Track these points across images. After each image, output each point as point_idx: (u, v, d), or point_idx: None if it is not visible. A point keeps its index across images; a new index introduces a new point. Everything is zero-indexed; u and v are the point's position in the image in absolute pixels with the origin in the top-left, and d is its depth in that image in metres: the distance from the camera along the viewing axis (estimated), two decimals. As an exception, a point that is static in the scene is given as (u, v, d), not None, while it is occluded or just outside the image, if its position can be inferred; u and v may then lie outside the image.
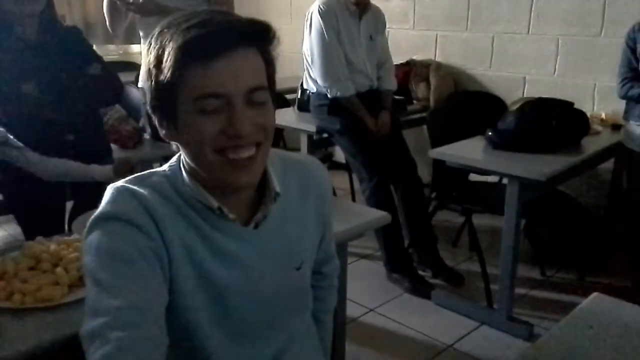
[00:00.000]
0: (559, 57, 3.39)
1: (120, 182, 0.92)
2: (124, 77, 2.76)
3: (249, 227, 0.97)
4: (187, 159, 0.93)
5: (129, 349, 0.77)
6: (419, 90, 3.73)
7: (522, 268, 2.85)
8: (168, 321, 0.87)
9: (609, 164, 3.11)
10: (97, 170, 1.80)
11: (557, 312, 2.69)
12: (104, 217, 0.87)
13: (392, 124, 3.07)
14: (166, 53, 0.83)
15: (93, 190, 1.85)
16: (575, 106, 2.64)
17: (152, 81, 0.87)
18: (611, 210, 3.26)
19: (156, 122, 0.92)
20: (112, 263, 0.84)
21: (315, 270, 1.14)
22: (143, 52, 0.90)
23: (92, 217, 0.88)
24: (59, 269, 1.28)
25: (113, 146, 2.44)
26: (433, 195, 3.11)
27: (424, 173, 3.22)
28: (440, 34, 3.93)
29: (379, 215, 1.80)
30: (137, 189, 0.90)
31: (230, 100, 0.85)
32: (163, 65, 0.84)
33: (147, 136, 2.71)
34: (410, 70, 3.80)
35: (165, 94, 0.86)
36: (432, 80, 3.70)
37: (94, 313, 0.80)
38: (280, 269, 1.01)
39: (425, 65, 3.79)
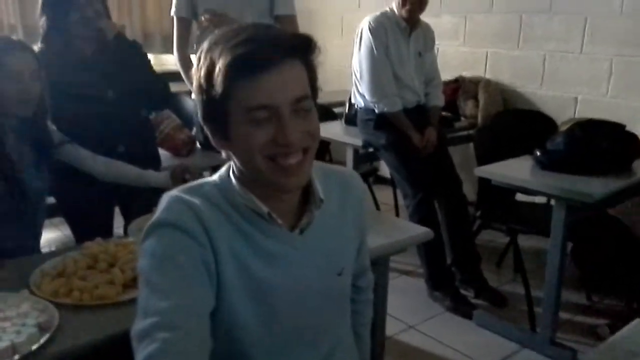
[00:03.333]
0: (612, 77, 3.33)
1: (175, 192, 0.98)
2: (179, 87, 2.87)
3: (294, 233, 1.02)
4: (238, 166, 0.98)
5: (174, 349, 0.81)
6: (467, 107, 3.72)
7: (567, 292, 2.80)
8: (214, 327, 0.91)
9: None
10: (153, 175, 1.88)
11: (602, 339, 2.62)
12: (160, 224, 0.93)
13: (438, 141, 3.07)
14: (216, 69, 0.89)
15: (145, 196, 1.95)
16: (628, 128, 2.58)
17: (203, 95, 0.93)
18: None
19: (208, 132, 0.98)
20: (164, 267, 0.89)
21: (351, 283, 1.17)
22: (194, 66, 0.95)
23: (149, 223, 0.94)
24: (115, 269, 1.34)
25: (166, 154, 2.53)
26: (478, 213, 3.09)
27: (469, 191, 3.19)
28: (491, 51, 3.91)
29: (421, 231, 1.81)
30: (190, 198, 0.96)
31: (278, 111, 0.90)
32: (214, 80, 0.89)
33: (198, 145, 2.79)
34: (458, 87, 3.80)
35: (216, 107, 0.91)
36: (481, 98, 3.68)
37: (144, 313, 0.85)
38: (324, 274, 1.05)
39: (475, 82, 3.78)
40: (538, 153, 2.56)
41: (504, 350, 2.55)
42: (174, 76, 2.65)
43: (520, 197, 2.99)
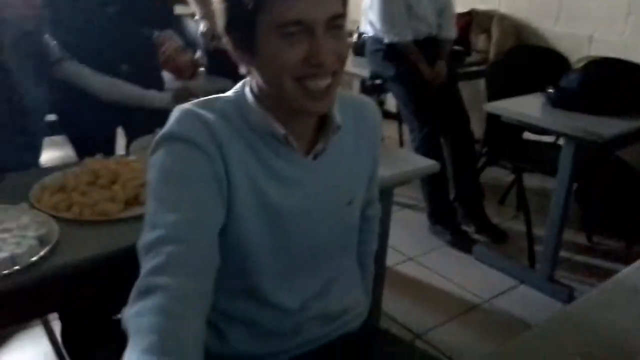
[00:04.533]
0: (630, 16, 3.20)
1: (187, 105, 0.94)
2: (181, 9, 2.77)
3: (308, 158, 0.99)
4: (258, 84, 0.94)
5: (179, 262, 0.80)
6: (479, 41, 3.61)
7: (568, 232, 2.79)
8: (223, 245, 0.90)
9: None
10: (156, 96, 1.83)
11: (600, 278, 2.64)
12: (170, 137, 0.90)
13: (449, 75, 3.00)
14: None
15: (148, 116, 1.91)
16: (645, 69, 2.51)
17: (230, 4, 0.87)
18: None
19: (230, 46, 0.92)
20: (172, 181, 0.87)
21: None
22: None
23: (158, 135, 0.91)
24: (116, 186, 1.32)
25: (169, 76, 2.47)
26: (484, 150, 3.06)
27: (477, 128, 3.14)
28: (507, -16, 3.76)
29: (427, 164, 1.78)
30: (203, 112, 0.92)
31: (313, 28, 0.85)
32: None
33: (202, 69, 2.72)
34: (471, 20, 3.68)
35: (245, 16, 0.86)
36: (494, 32, 3.57)
37: (151, 226, 0.84)
38: (334, 202, 1.03)
39: (488, 15, 3.65)
40: (550, 90, 2.50)
41: (501, 284, 2.58)
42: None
43: (528, 135, 2.94)
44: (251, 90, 0.96)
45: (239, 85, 1.00)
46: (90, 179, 1.35)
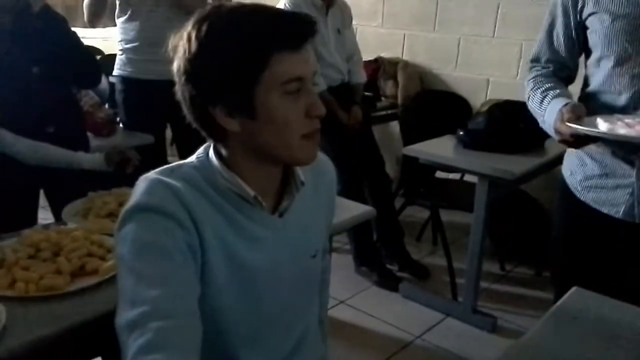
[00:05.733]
0: (521, 61, 3.53)
1: (153, 174, 0.93)
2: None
3: (275, 216, 1.01)
4: (234, 146, 0.94)
5: (169, 338, 0.79)
6: (387, 87, 3.81)
7: (483, 263, 2.97)
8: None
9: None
10: (86, 157, 1.77)
11: (517, 305, 2.82)
12: (140, 209, 0.88)
13: (363, 119, 3.13)
14: (247, 40, 0.87)
15: (73, 179, 1.84)
16: (540, 110, 2.76)
17: (234, 65, 0.88)
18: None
19: (215, 111, 0.91)
20: (149, 254, 0.86)
21: None
22: (190, 36, 0.89)
23: (126, 208, 0.89)
24: (60, 258, 1.26)
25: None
26: (401, 192, 3.20)
27: (389, 170, 3.29)
28: (408, 33, 4.01)
29: (363, 210, 1.86)
30: (170, 180, 0.92)
31: (306, 84, 0.91)
32: (241, 52, 0.87)
33: (121, 125, 2.67)
34: (378, 67, 3.88)
35: (242, 79, 0.88)
36: (400, 79, 3.78)
37: (131, 303, 0.81)
38: (300, 256, 1.06)
39: (394, 63, 3.87)
40: (461, 132, 2.69)
41: (429, 319, 2.68)
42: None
43: (439, 174, 3.12)
44: (217, 154, 0.97)
45: (200, 150, 1.01)
46: (31, 252, 1.28)
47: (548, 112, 1.47)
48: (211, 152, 0.98)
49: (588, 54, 1.51)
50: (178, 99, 0.95)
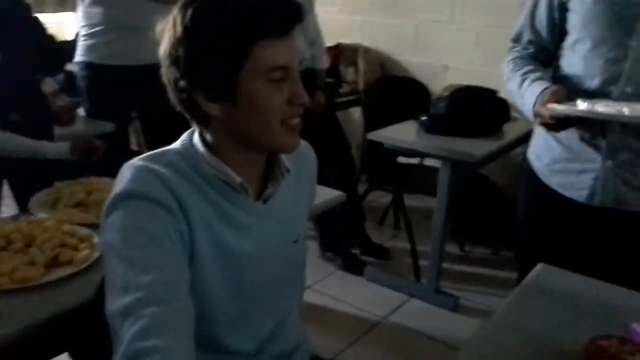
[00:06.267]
0: (479, 46, 3.61)
1: (138, 161, 0.93)
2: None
3: (259, 202, 1.02)
4: (218, 133, 0.95)
5: (165, 323, 0.79)
6: (348, 73, 3.83)
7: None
8: None
9: (522, 148, 3.37)
10: (51, 147, 1.73)
11: (477, 284, 2.92)
12: (127, 196, 0.88)
13: (327, 105, 3.14)
14: (229, 27, 0.87)
15: (37, 168, 1.79)
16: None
17: (219, 52, 0.88)
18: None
19: (198, 95, 0.91)
20: (138, 240, 0.86)
21: None
22: (176, 21, 0.89)
23: (112, 195, 0.89)
24: (33, 249, 1.24)
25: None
26: (363, 177, 3.24)
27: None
28: (367, 19, 4.03)
29: (333, 195, 1.87)
30: (156, 166, 0.92)
31: (291, 72, 0.91)
32: (224, 38, 0.87)
33: (82, 113, 2.60)
34: (338, 54, 3.89)
35: (226, 65, 0.88)
36: (360, 64, 3.80)
37: (123, 290, 0.82)
38: (283, 241, 1.08)
39: (354, 48, 3.89)
40: (423, 117, 2.74)
41: (394, 301, 2.74)
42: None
43: (401, 159, 3.17)
44: (203, 140, 0.98)
45: (184, 136, 1.01)
46: (2, 243, 1.25)
47: (528, 95, 1.47)
48: (196, 138, 0.98)
49: (564, 37, 1.51)
50: (162, 83, 0.95)
